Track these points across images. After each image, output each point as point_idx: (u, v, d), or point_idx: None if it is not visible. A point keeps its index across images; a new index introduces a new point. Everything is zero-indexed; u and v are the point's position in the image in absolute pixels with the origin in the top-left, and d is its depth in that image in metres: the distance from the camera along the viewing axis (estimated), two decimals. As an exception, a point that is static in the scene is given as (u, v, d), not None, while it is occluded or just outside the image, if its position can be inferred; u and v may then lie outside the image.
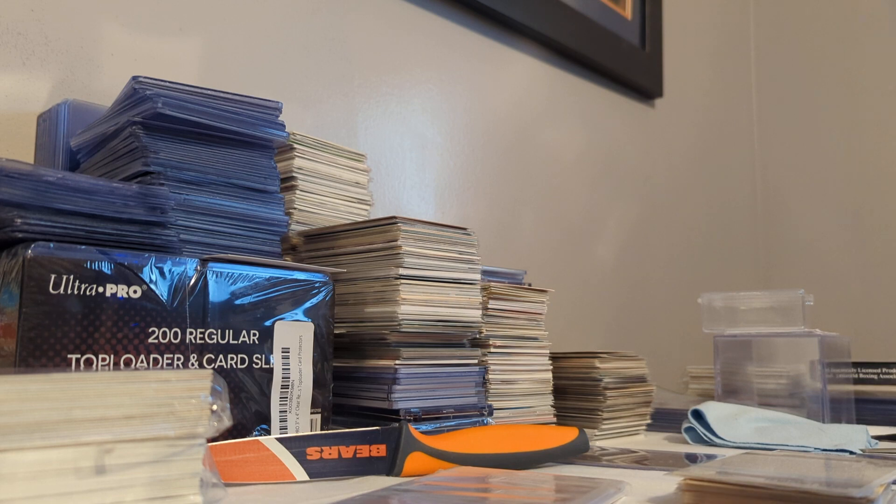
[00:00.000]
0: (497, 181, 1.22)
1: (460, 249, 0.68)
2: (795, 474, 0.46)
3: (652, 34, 1.55)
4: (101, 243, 0.50)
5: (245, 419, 0.54)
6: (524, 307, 0.78)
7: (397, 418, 0.61)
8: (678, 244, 1.65)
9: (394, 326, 0.63)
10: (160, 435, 0.33)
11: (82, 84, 0.75)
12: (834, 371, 0.93)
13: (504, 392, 0.74)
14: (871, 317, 1.75)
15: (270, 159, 0.63)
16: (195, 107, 0.57)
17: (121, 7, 0.79)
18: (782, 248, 1.92)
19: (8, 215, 0.48)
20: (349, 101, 1.01)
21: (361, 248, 0.67)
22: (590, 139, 1.42)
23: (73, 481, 0.31)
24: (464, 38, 1.18)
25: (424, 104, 1.11)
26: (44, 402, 0.31)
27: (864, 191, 1.81)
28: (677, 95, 1.68)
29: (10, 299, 0.46)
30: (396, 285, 0.63)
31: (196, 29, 0.85)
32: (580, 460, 0.63)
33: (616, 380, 0.85)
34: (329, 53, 0.99)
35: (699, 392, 1.15)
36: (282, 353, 0.57)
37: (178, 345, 0.51)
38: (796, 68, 1.94)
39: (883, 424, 0.95)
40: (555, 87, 1.35)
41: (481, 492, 0.45)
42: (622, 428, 0.86)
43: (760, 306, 0.96)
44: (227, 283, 0.54)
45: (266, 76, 0.92)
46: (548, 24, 1.27)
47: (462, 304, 0.67)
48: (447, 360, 0.66)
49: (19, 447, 0.30)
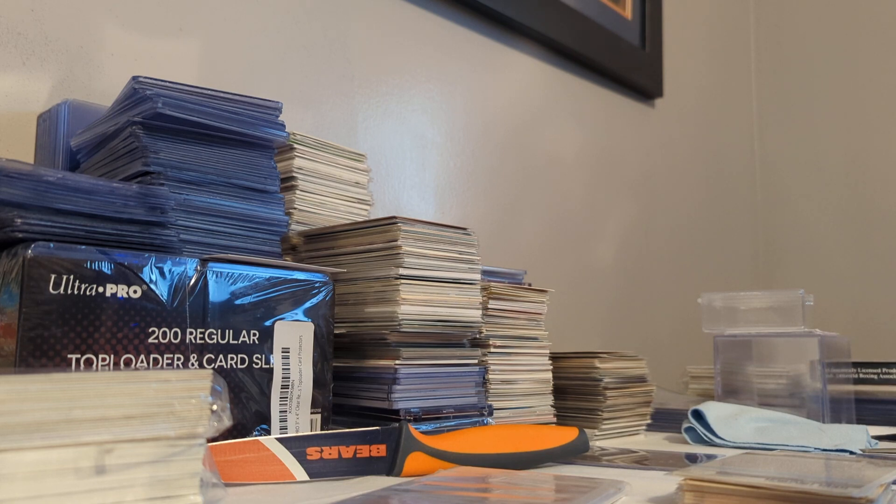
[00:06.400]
0: (497, 181, 1.22)
1: (460, 249, 0.68)
2: (795, 474, 0.46)
3: (652, 34, 1.55)
4: (101, 243, 0.50)
5: (245, 419, 0.54)
6: (524, 307, 0.78)
7: (397, 418, 0.61)
8: (678, 244, 1.65)
9: (394, 326, 0.63)
10: (160, 435, 0.33)
11: (82, 84, 0.75)
12: (834, 371, 0.93)
13: (504, 392, 0.74)
14: (871, 317, 1.75)
15: (270, 159, 0.63)
16: (195, 107, 0.57)
17: (121, 7, 0.79)
18: (782, 248, 1.92)
19: (8, 215, 0.48)
20: (349, 101, 1.01)
21: (361, 248, 0.67)
22: (590, 139, 1.42)
23: (73, 481, 0.31)
24: (464, 38, 1.18)
25: (424, 104, 1.11)
26: (44, 402, 0.31)
27: (865, 190, 1.81)
28: (677, 95, 1.68)
29: (10, 299, 0.46)
30: (396, 285, 0.63)
31: (196, 29, 0.85)
32: (580, 460, 0.63)
33: (616, 380, 0.85)
34: (329, 53, 0.99)
35: (699, 392, 1.15)
36: (282, 353, 0.57)
37: (178, 345, 0.51)
38: (796, 68, 1.94)
39: (883, 424, 0.95)
40: (555, 87, 1.35)
41: (481, 492, 0.45)
42: (622, 428, 0.86)
43: (760, 306, 0.96)
44: (227, 283, 0.54)
45: (266, 76, 0.92)
46: (548, 24, 1.27)
47: (462, 304, 0.67)
48: (447, 360, 0.66)
49: (19, 447, 0.30)
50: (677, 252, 1.64)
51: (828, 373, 0.90)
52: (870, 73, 1.83)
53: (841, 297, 1.77)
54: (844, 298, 1.77)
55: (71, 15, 0.75)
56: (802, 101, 1.92)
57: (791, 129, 1.93)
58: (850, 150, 1.84)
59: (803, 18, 1.94)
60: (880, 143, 1.80)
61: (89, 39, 0.76)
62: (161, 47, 0.82)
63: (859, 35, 1.85)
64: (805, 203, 1.90)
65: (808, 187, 1.90)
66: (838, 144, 1.86)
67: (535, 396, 0.77)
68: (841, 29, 1.88)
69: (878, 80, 1.82)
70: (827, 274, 1.83)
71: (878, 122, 1.81)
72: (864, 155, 1.82)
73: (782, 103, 1.96)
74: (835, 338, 0.95)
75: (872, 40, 1.83)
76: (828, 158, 1.87)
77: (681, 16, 1.71)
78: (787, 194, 1.93)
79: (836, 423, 0.89)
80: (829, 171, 1.86)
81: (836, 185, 1.85)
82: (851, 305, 1.77)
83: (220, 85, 0.69)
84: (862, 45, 1.84)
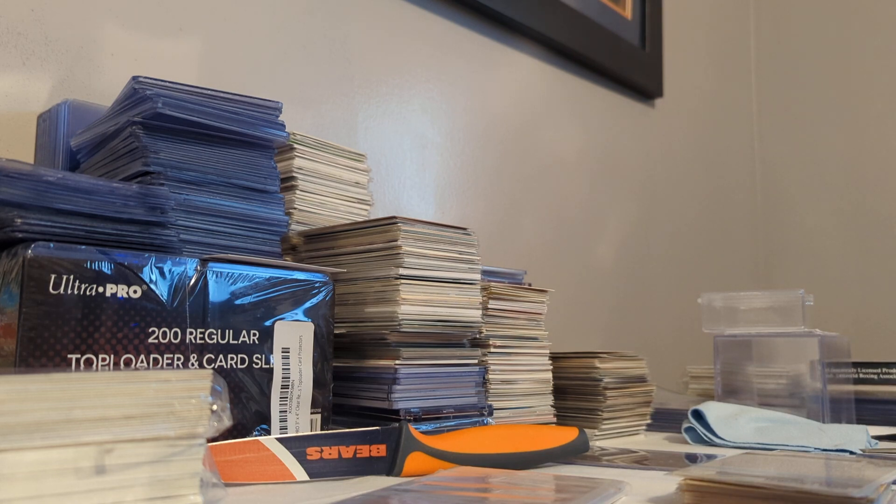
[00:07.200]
0: (497, 181, 1.22)
1: (460, 249, 0.68)
2: (795, 474, 0.46)
3: (652, 34, 1.55)
4: (101, 243, 0.50)
5: (245, 419, 0.54)
6: (524, 307, 0.78)
7: (397, 418, 0.61)
8: (678, 244, 1.65)
9: (394, 326, 0.63)
10: (160, 435, 0.33)
11: (82, 84, 0.75)
12: (834, 371, 0.93)
13: (504, 392, 0.74)
14: (871, 317, 1.75)
15: (270, 159, 0.63)
16: (195, 107, 0.57)
17: (121, 7, 0.79)
18: (782, 247, 1.92)
19: (8, 215, 0.48)
20: (349, 101, 1.01)
21: (361, 248, 0.67)
22: (590, 139, 1.42)
23: (73, 481, 0.31)
24: (464, 38, 1.18)
25: (424, 104, 1.11)
26: (44, 402, 0.31)
27: (865, 191, 1.81)
28: (677, 95, 1.68)
29: (10, 299, 0.46)
30: (396, 285, 0.63)
31: (196, 29, 0.85)
32: (580, 460, 0.63)
33: (616, 380, 0.85)
34: (329, 53, 0.99)
35: (699, 392, 1.15)
36: (282, 353, 0.57)
37: (178, 345, 0.51)
38: (796, 68, 1.94)
39: (883, 424, 0.95)
40: (555, 87, 1.35)
41: (481, 492, 0.45)
42: (622, 428, 0.86)
43: (760, 306, 0.96)
44: (227, 283, 0.54)
45: (266, 76, 0.92)
46: (548, 24, 1.27)
47: (462, 304, 0.67)
48: (447, 360, 0.66)
49: (19, 447, 0.30)
50: (677, 252, 1.64)
51: (828, 373, 0.90)
52: (870, 73, 1.83)
53: (841, 297, 1.77)
54: (844, 298, 1.77)
55: (71, 15, 0.75)
56: (802, 101, 1.92)
57: (791, 129, 1.93)
58: (849, 150, 1.84)
59: (803, 18, 1.94)
60: (880, 143, 1.80)
61: (89, 39, 0.76)
62: (161, 47, 0.82)
63: (859, 35, 1.85)
64: (805, 203, 1.90)
65: (808, 187, 1.90)
66: (838, 144, 1.86)
67: (535, 396, 0.77)
68: (841, 29, 1.88)
69: (877, 80, 1.81)
70: (827, 274, 1.83)
71: (877, 122, 1.81)
72: (863, 154, 1.82)
73: (782, 103, 1.96)
74: (835, 338, 0.95)
75: (873, 40, 1.83)
76: (827, 158, 1.87)
77: (681, 16, 1.71)
78: (787, 194, 1.93)
79: (836, 423, 0.89)
80: (829, 170, 1.86)
81: (835, 185, 1.85)
82: (851, 305, 1.77)
83: (220, 85, 0.69)
84: (862, 46, 1.84)
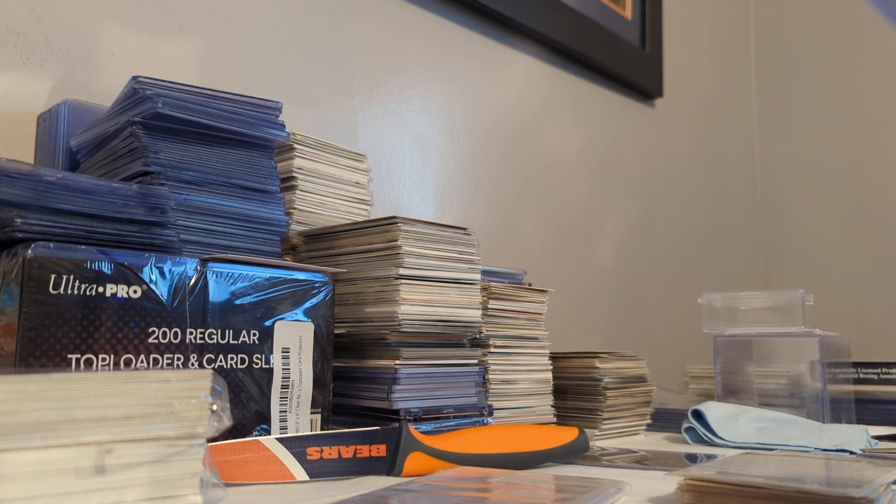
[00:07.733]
0: (497, 181, 1.22)
1: (460, 249, 0.68)
2: (795, 474, 0.46)
3: (652, 34, 1.55)
4: (101, 243, 0.50)
5: (245, 419, 0.54)
6: (524, 307, 0.78)
7: (397, 418, 0.61)
8: (678, 244, 1.65)
9: (394, 326, 0.63)
10: (160, 435, 0.33)
11: (82, 84, 0.75)
12: (834, 371, 0.93)
13: (504, 392, 0.74)
14: (871, 317, 1.75)
15: (270, 159, 0.63)
16: (195, 107, 0.57)
17: (121, 7, 0.79)
18: (782, 247, 1.92)
19: (8, 215, 0.48)
20: (349, 101, 1.01)
21: (361, 248, 0.67)
22: (590, 139, 1.42)
23: (73, 481, 0.31)
24: (464, 38, 1.18)
25: (424, 104, 1.11)
26: (44, 402, 0.31)
27: (865, 191, 1.81)
28: (677, 95, 1.68)
29: (10, 299, 0.46)
30: (396, 285, 0.63)
31: (196, 29, 0.85)
32: (580, 460, 0.63)
33: (616, 380, 0.85)
34: (329, 53, 0.99)
35: (699, 392, 1.15)
36: (282, 353, 0.57)
37: (178, 345, 0.51)
38: (796, 68, 1.94)
39: (883, 424, 0.95)
40: (555, 87, 1.35)
41: (481, 492, 0.45)
42: (622, 428, 0.86)
43: (760, 306, 0.96)
44: (227, 283, 0.54)
45: (266, 76, 0.92)
46: (548, 24, 1.27)
47: (462, 304, 0.67)
48: (447, 360, 0.66)
49: (19, 447, 0.30)
50: (677, 251, 1.64)
51: (828, 373, 0.90)
52: (870, 73, 1.83)
53: (841, 297, 1.77)
54: (844, 298, 1.77)
55: (71, 15, 0.75)
56: (802, 101, 1.92)
57: (791, 129, 1.93)
58: (849, 149, 1.84)
59: (803, 19, 1.94)
60: (880, 143, 1.80)
61: (89, 39, 0.76)
62: (161, 47, 0.82)
63: (860, 35, 1.85)
64: (805, 202, 1.90)
65: (809, 187, 1.90)
66: (838, 143, 1.86)
67: (535, 396, 0.77)
68: (841, 29, 1.88)
69: (878, 80, 1.81)
70: (827, 274, 1.83)
71: (877, 122, 1.81)
72: (863, 154, 1.82)
73: (782, 103, 1.96)
74: (835, 338, 0.95)
75: (873, 41, 1.83)
76: (827, 158, 1.87)
77: (681, 16, 1.71)
78: (787, 194, 1.93)
79: (836, 423, 0.89)
80: (829, 170, 1.86)
81: (836, 184, 1.85)
82: (851, 305, 1.77)
83: (220, 85, 0.69)
84: (862, 45, 1.84)
